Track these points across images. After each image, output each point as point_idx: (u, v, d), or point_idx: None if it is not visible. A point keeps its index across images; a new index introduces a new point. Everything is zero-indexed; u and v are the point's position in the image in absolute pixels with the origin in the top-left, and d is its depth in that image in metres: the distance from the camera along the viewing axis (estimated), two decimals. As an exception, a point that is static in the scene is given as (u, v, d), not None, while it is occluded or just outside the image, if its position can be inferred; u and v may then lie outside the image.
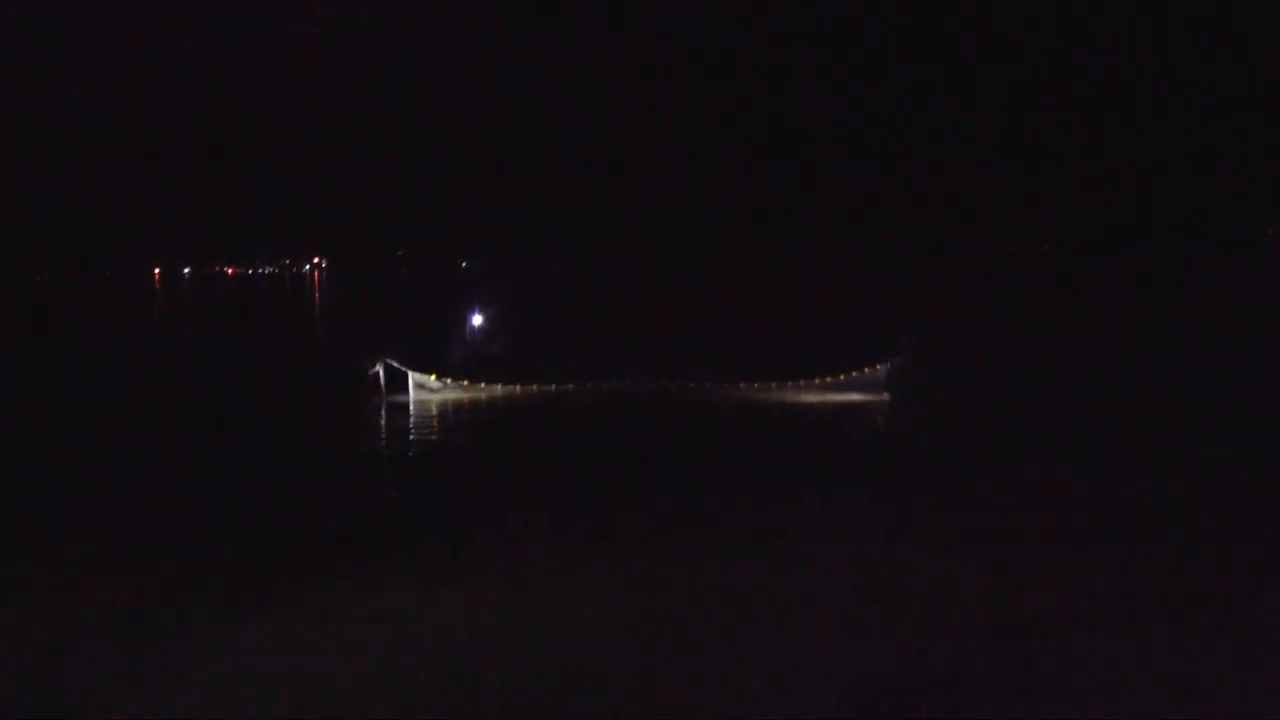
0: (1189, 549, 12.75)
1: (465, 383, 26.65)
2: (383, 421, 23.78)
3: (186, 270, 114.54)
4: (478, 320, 30.12)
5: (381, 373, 25.74)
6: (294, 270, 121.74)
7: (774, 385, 25.60)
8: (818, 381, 25.50)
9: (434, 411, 24.91)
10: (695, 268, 66.79)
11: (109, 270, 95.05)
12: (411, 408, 25.15)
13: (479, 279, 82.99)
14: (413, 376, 26.30)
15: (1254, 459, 17.37)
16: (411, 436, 22.28)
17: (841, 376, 25.32)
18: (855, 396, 24.72)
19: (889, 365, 24.55)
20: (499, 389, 26.34)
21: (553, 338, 34.68)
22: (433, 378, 26.49)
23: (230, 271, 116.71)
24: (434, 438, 22.39)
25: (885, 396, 24.34)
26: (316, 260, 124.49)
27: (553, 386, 26.26)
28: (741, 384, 25.78)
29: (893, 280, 50.61)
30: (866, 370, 25.05)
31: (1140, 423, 20.85)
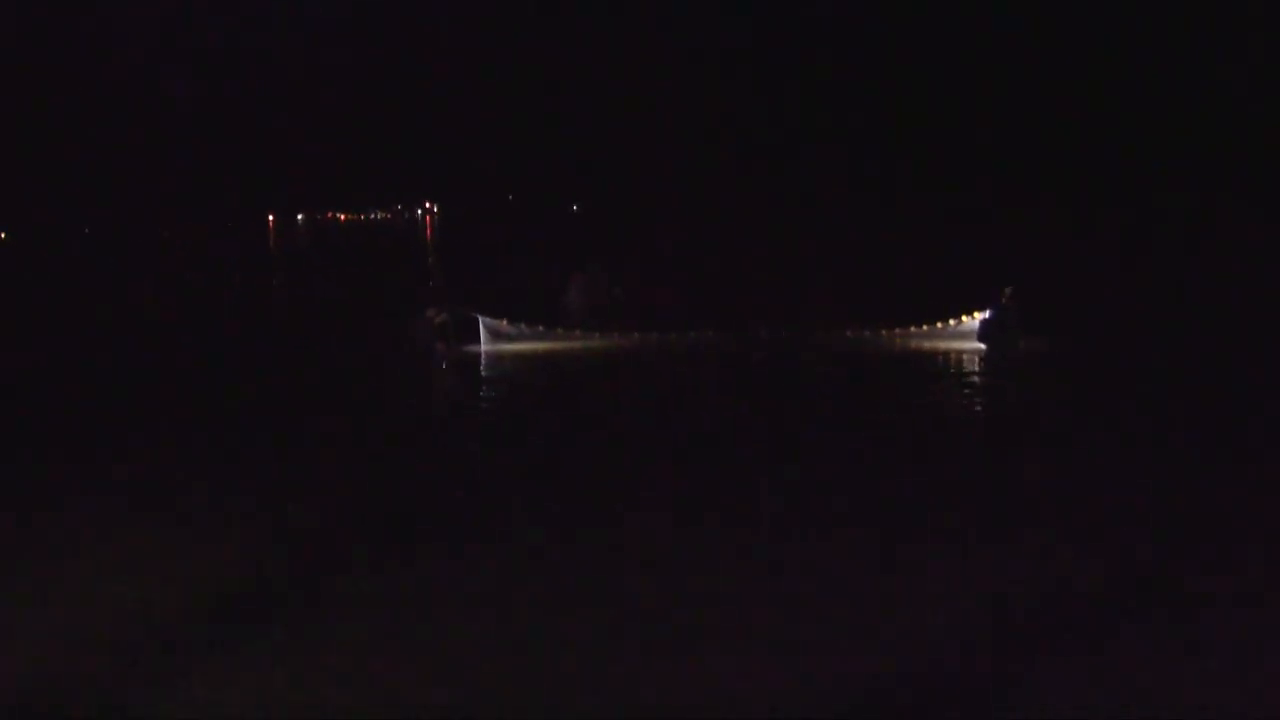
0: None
1: (546, 329, 25.81)
2: (437, 377, 23.49)
3: (300, 216, 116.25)
4: (586, 267, 29.61)
5: (450, 321, 24.75)
6: (406, 216, 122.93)
7: (867, 333, 25.12)
8: (912, 329, 24.96)
9: (498, 366, 24.12)
10: (790, 215, 65.69)
11: (226, 218, 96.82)
12: (481, 359, 24.49)
13: (589, 224, 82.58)
14: (484, 323, 25.18)
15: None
16: (459, 397, 21.82)
17: (938, 325, 24.77)
18: (949, 346, 24.16)
19: (984, 315, 23.79)
20: (587, 338, 25.85)
21: (653, 285, 34.31)
22: (504, 323, 25.35)
23: (343, 217, 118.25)
24: (485, 398, 21.89)
25: (980, 348, 23.66)
26: (428, 205, 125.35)
27: (640, 335, 25.83)
28: (835, 332, 25.33)
29: (990, 228, 49.19)
30: (963, 319, 24.40)
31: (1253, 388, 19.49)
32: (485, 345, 25.15)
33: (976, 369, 22.63)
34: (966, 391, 21.21)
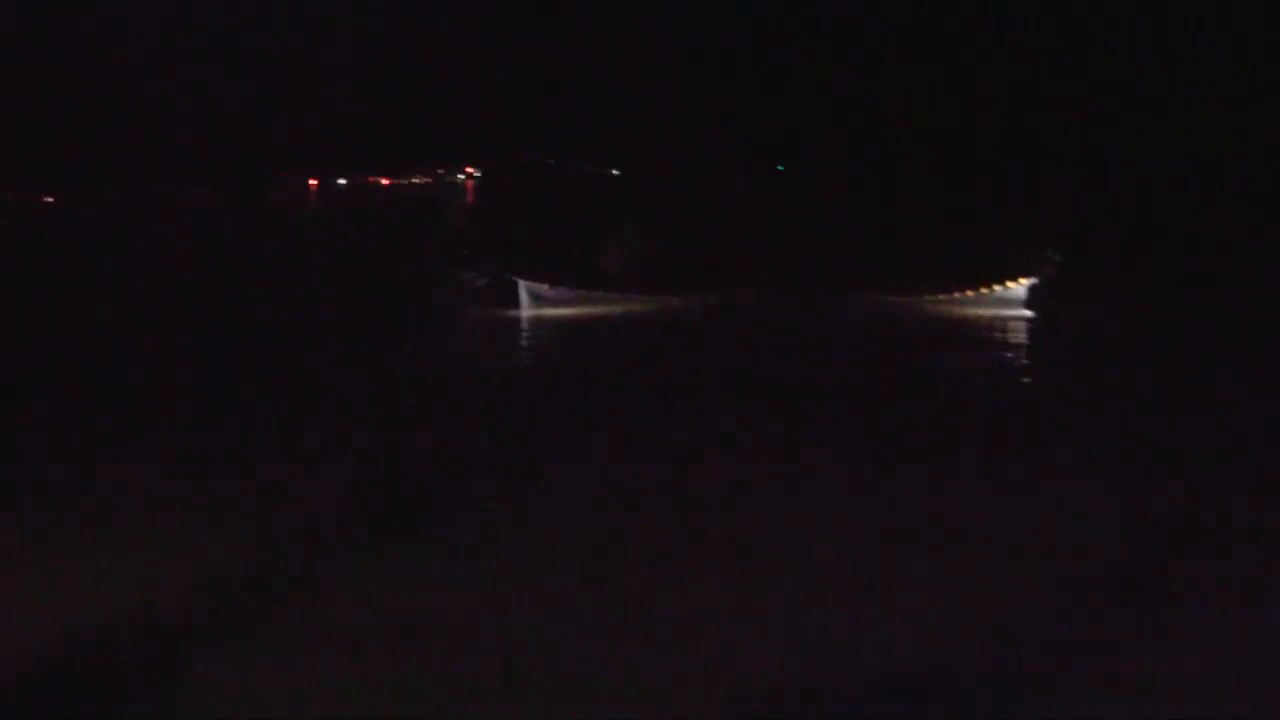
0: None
1: (587, 292, 25.66)
2: (475, 341, 23.33)
3: (341, 181, 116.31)
4: (624, 229, 29.46)
5: (488, 284, 24.62)
6: (446, 180, 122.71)
7: (910, 298, 24.85)
8: (957, 295, 24.66)
9: (533, 330, 23.97)
10: (835, 177, 65.12)
11: (267, 182, 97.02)
12: (522, 323, 24.34)
13: (627, 187, 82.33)
14: (525, 287, 24.83)
15: None
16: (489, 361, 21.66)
17: (984, 291, 24.44)
18: (995, 313, 23.83)
19: (1031, 281, 23.45)
20: (629, 300, 25.66)
21: (696, 246, 34.15)
22: (545, 286, 25.04)
23: (385, 182, 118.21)
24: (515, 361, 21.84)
25: (1027, 314, 23.34)
26: (469, 170, 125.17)
27: (680, 298, 25.64)
28: (878, 295, 25.07)
29: (1038, 193, 48.57)
30: (1009, 285, 24.06)
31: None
32: (526, 309, 24.96)
33: (1024, 336, 22.32)
34: (1011, 357, 20.90)
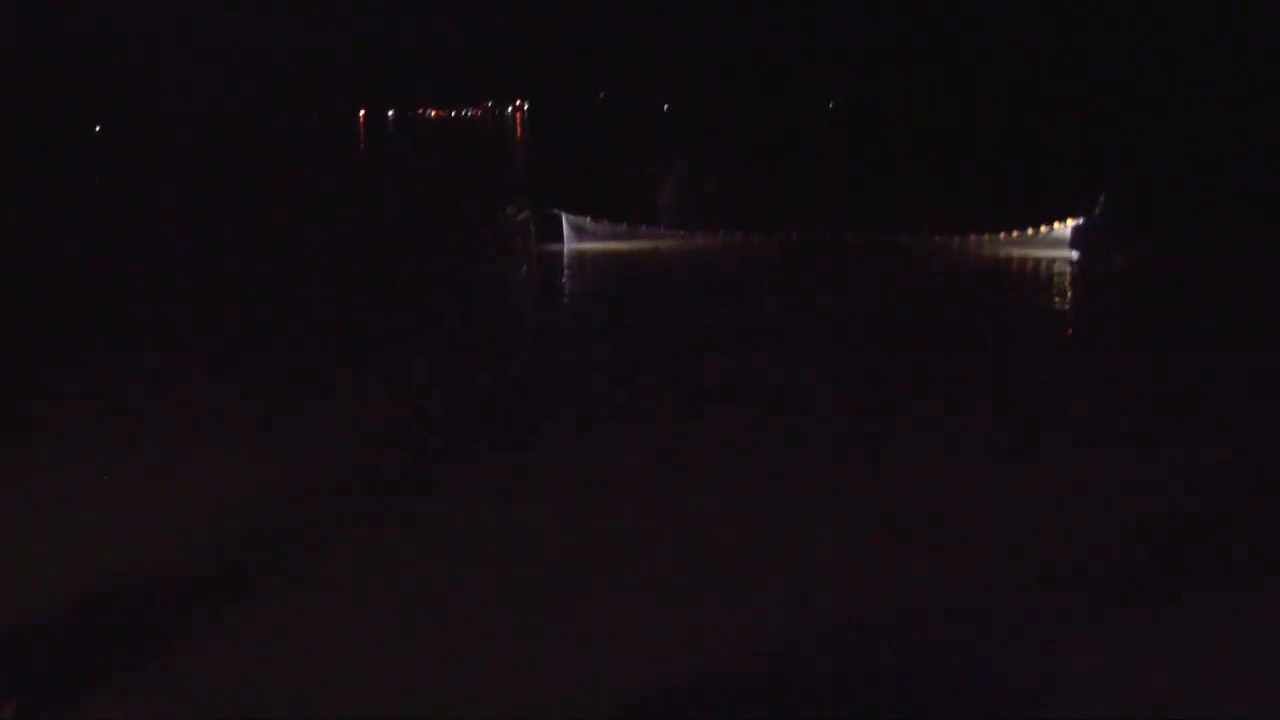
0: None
1: (630, 228, 25.70)
2: (521, 273, 23.42)
3: (390, 113, 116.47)
4: (676, 166, 29.51)
5: (532, 219, 24.77)
6: (496, 113, 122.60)
7: (959, 239, 24.67)
8: (1003, 237, 24.46)
9: (577, 264, 23.99)
10: (884, 118, 64.53)
11: (315, 113, 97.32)
12: (563, 257, 24.36)
13: (679, 123, 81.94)
14: (568, 220, 24.86)
15: None
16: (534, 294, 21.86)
17: (1030, 232, 24.25)
18: (1042, 254, 23.64)
19: (1078, 223, 23.23)
20: (672, 237, 25.67)
21: (744, 185, 34.02)
22: (588, 220, 25.01)
23: (434, 114, 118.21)
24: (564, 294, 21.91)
25: (1073, 255, 23.15)
26: (519, 103, 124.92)
27: (724, 236, 25.61)
28: (927, 236, 24.92)
29: (1085, 134, 47.88)
30: (1056, 226, 23.85)
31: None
32: (568, 243, 25.05)
33: (1069, 277, 22.15)
34: (1058, 300, 20.77)
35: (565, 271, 23.46)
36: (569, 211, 25.22)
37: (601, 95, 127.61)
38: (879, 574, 8.45)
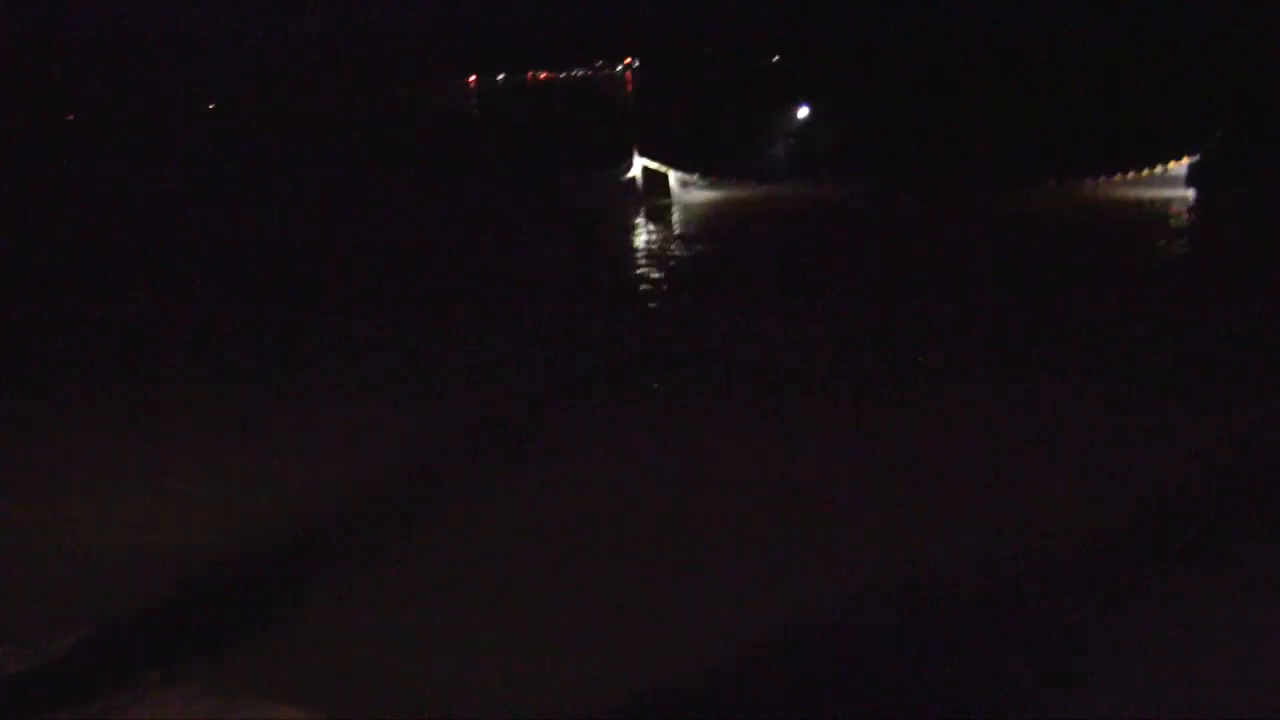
0: None
1: (742, 181, 25.98)
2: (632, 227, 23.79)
3: (500, 76, 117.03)
4: (791, 117, 29.54)
5: (639, 175, 25.37)
6: (606, 73, 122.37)
7: (1071, 183, 24.32)
8: (1117, 178, 24.05)
9: (686, 216, 24.39)
10: (991, 63, 63.13)
11: (429, 79, 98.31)
12: (673, 210, 24.84)
13: (786, 77, 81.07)
14: (674, 176, 25.51)
15: None
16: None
17: (1145, 173, 23.80)
18: (1156, 194, 23.22)
19: (1193, 160, 22.74)
20: (776, 190, 25.85)
21: (853, 136, 33.83)
22: (695, 176, 25.57)
23: (543, 76, 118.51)
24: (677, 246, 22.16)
25: (1189, 194, 22.71)
26: (628, 61, 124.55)
27: (834, 185, 25.68)
28: (1038, 182, 24.62)
29: (1197, 69, 46.36)
30: (1171, 165, 23.37)
31: None
32: (679, 197, 25.53)
33: (1186, 215, 21.77)
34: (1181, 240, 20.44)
35: (676, 224, 23.93)
36: (677, 166, 25.72)
37: (710, 50, 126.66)
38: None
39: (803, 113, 30.30)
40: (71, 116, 73.35)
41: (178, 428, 11.56)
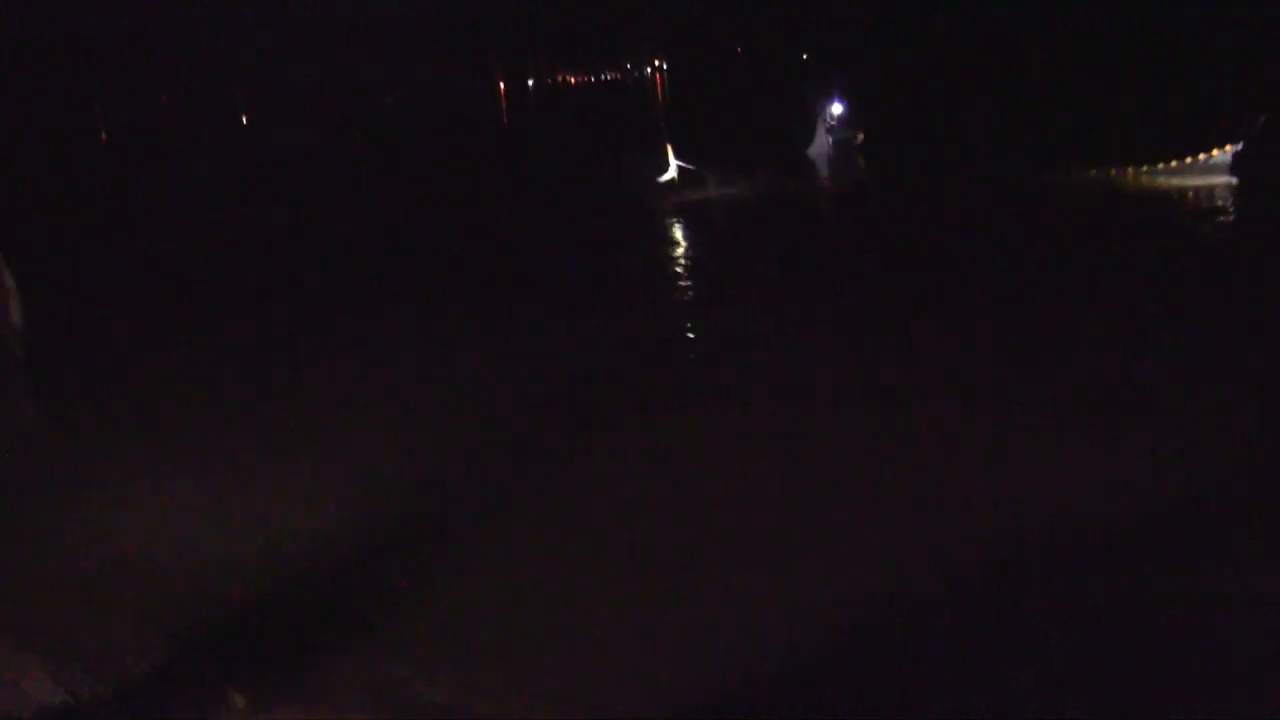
0: None
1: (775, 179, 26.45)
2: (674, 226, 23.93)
3: (530, 81, 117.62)
4: (827, 112, 29.83)
5: (676, 176, 26.02)
6: (636, 74, 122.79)
7: (1113, 171, 24.18)
8: (1160, 166, 23.85)
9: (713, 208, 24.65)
10: (1027, 46, 62.62)
11: (454, 85, 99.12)
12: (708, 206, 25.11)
13: (817, 76, 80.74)
14: (706, 172, 26.25)
15: None
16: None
17: (1188, 160, 23.58)
18: (1199, 182, 22.99)
19: (1237, 148, 22.51)
20: (815, 184, 26.08)
21: (897, 130, 33.83)
22: (733, 175, 26.24)
23: (573, 80, 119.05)
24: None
25: (1233, 181, 22.46)
26: (657, 63, 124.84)
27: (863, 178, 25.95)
28: (1076, 169, 24.51)
29: (1242, 51, 45.90)
30: (1215, 152, 23.13)
31: None
32: (713, 195, 26.07)
33: (1230, 203, 21.52)
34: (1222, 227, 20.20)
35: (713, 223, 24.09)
36: (713, 165, 26.21)
37: (740, 50, 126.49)
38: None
39: (837, 108, 30.25)
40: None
41: (234, 437, 11.51)
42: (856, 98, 31.50)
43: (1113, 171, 24.14)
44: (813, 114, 29.85)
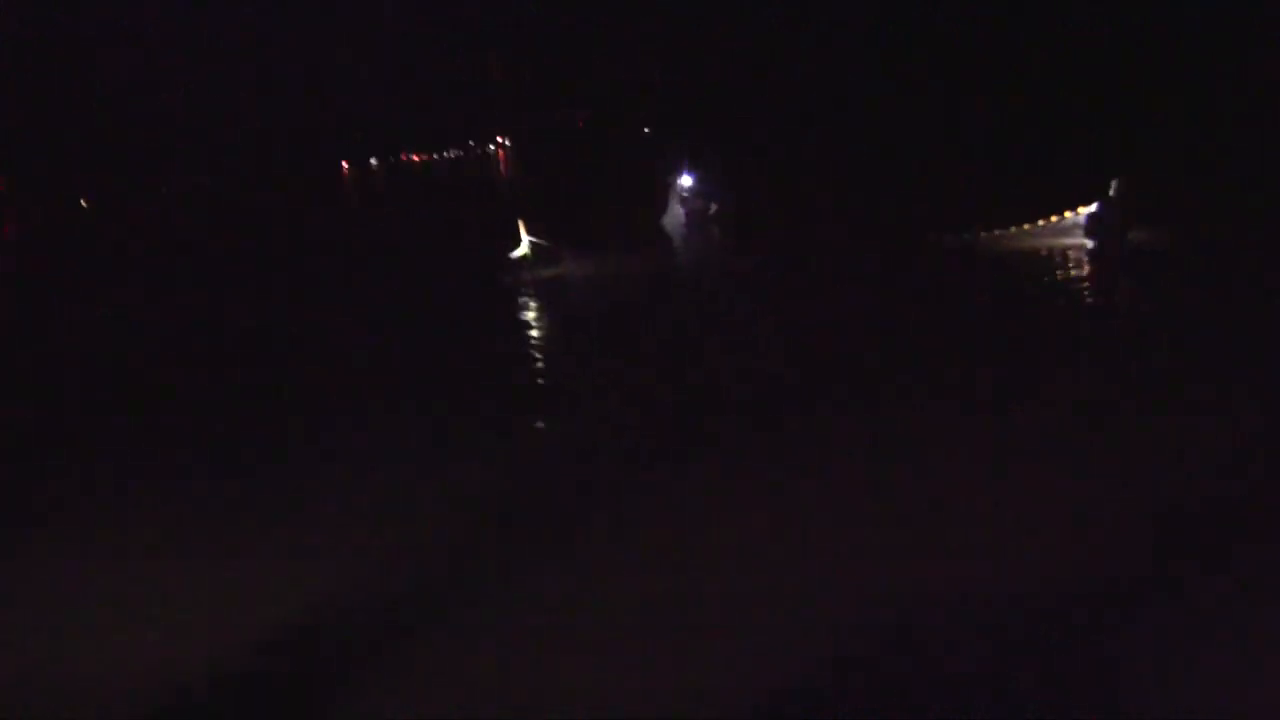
0: None
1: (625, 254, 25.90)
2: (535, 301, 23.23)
3: (373, 161, 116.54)
4: (677, 184, 29.68)
5: (529, 251, 25.45)
6: (479, 152, 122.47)
7: (970, 234, 24.30)
8: (1012, 229, 24.06)
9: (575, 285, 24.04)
10: (882, 115, 64.02)
11: (302, 168, 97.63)
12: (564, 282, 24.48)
13: (664, 147, 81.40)
14: (562, 248, 25.48)
15: None
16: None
17: (1040, 223, 23.84)
18: (1053, 243, 23.23)
19: (1091, 210, 22.76)
20: (671, 259, 25.61)
21: (759, 202, 33.89)
22: (577, 246, 25.54)
23: (416, 158, 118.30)
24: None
25: (1088, 243, 22.68)
26: (500, 140, 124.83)
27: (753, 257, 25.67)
28: (935, 234, 24.65)
29: (1096, 117, 47.54)
30: (1068, 214, 23.38)
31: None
32: (568, 271, 25.42)
33: (1083, 265, 21.68)
34: (1075, 290, 20.26)
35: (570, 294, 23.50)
36: (562, 238, 25.69)
37: (581, 123, 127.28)
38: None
39: (687, 180, 30.04)
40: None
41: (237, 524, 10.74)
42: (707, 168, 31.47)
43: (972, 235, 24.27)
44: (664, 184, 29.67)
